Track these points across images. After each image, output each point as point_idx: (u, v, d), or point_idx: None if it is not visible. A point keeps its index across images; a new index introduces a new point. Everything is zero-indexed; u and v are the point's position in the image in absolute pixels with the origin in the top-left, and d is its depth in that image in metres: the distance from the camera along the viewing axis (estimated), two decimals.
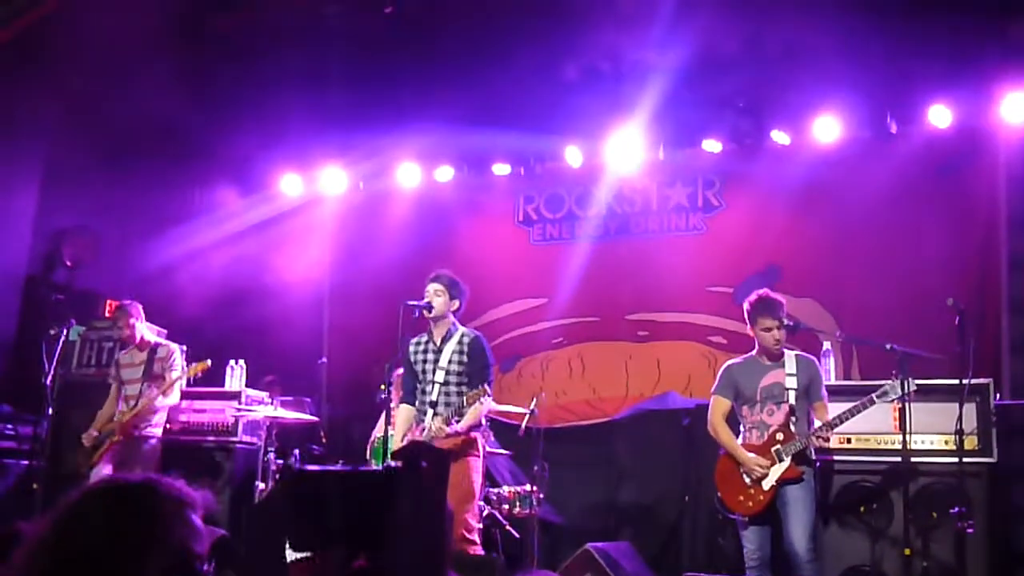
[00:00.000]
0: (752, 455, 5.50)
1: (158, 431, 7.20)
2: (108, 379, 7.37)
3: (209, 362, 7.28)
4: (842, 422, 5.39)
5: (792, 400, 5.52)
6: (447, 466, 1.44)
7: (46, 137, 8.22)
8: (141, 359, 7.24)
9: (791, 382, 5.56)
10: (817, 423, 5.50)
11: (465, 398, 5.65)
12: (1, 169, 7.93)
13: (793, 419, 5.48)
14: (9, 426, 7.67)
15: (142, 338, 7.34)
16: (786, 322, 5.53)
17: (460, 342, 5.97)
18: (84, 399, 7.63)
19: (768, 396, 5.59)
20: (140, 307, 7.40)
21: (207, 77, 8.57)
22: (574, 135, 8.61)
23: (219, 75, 8.57)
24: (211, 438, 7.75)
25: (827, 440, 5.47)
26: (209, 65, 8.55)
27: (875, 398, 5.31)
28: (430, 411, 5.87)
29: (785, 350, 5.68)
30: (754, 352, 5.77)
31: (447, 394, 5.86)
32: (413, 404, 6.05)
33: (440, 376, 5.91)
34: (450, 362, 5.92)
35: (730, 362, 5.89)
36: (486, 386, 5.65)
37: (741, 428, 5.71)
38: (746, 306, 5.75)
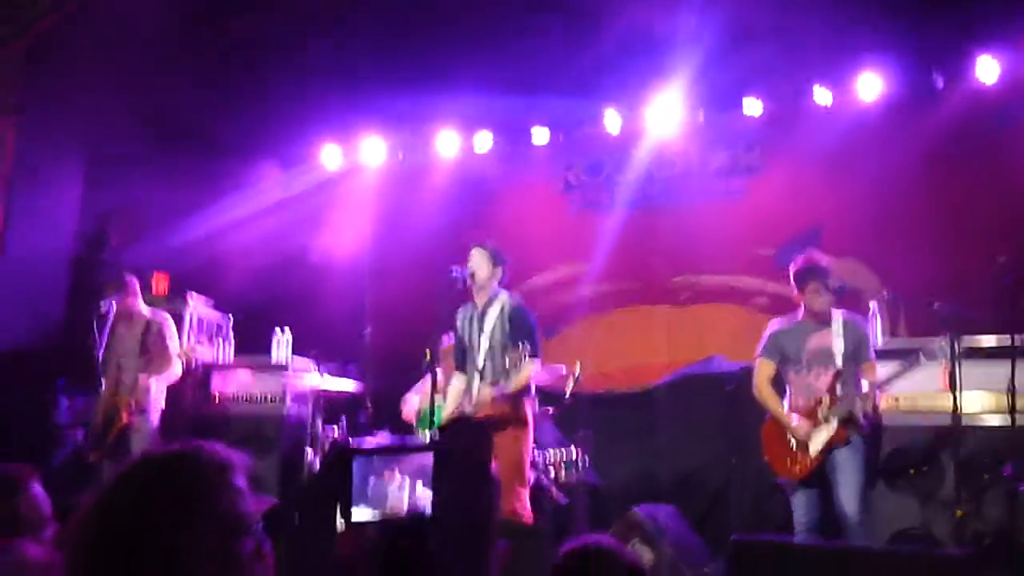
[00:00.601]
0: (798, 419, 5.48)
1: (161, 401, 7.10)
2: (100, 356, 7.12)
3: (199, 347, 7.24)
4: (890, 383, 5.35)
5: (839, 363, 5.47)
6: (491, 440, 1.45)
7: (90, 119, 8.29)
8: (137, 333, 7.13)
9: (838, 344, 5.51)
10: (865, 385, 5.46)
11: (508, 359, 5.66)
12: (47, 152, 8.02)
13: (840, 382, 5.44)
14: (65, 399, 7.82)
15: (137, 312, 7.20)
16: (832, 285, 5.48)
17: (502, 310, 5.99)
18: None
19: (814, 359, 5.54)
20: (137, 281, 7.29)
21: (246, 52, 8.60)
22: (613, 100, 8.56)
23: (257, 49, 8.59)
24: (259, 408, 7.84)
25: (875, 403, 5.42)
26: (247, 39, 8.57)
27: (923, 357, 5.25)
28: (477, 378, 5.90)
29: (833, 311, 5.62)
30: (800, 314, 5.71)
31: (493, 361, 5.89)
32: (465, 372, 6.09)
33: (485, 343, 5.93)
34: (494, 329, 5.94)
35: (775, 324, 5.84)
36: (526, 343, 5.64)
37: (787, 391, 5.68)
38: (792, 269, 5.70)
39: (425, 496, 1.45)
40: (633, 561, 2.22)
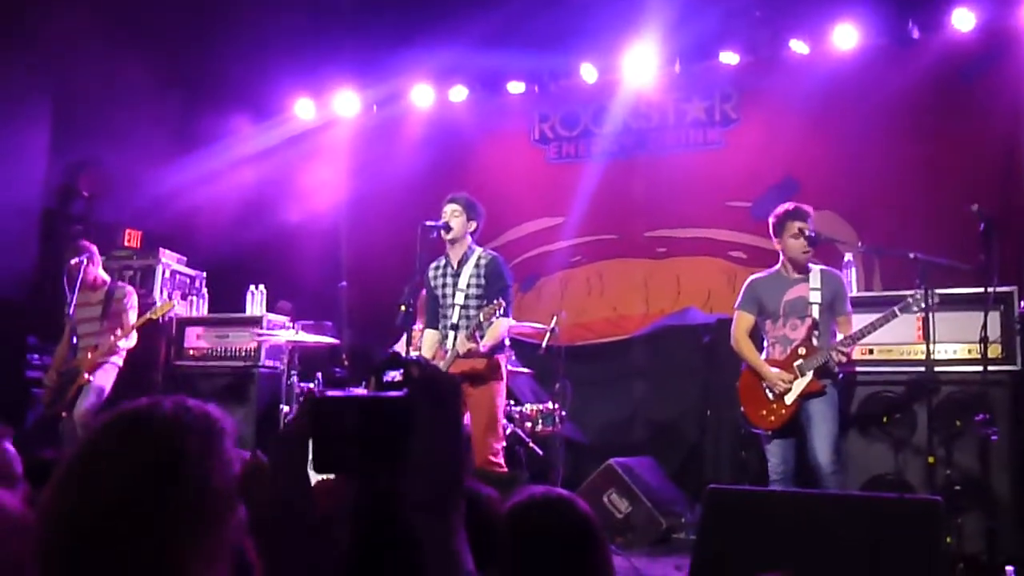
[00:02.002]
0: (775, 370, 5.50)
1: (118, 359, 7.03)
2: (63, 320, 7.07)
3: (174, 303, 7.20)
4: (864, 335, 5.38)
5: (815, 314, 5.49)
6: (459, 389, 1.44)
7: (56, 69, 8.14)
8: (97, 299, 7.04)
9: (815, 296, 5.53)
10: (839, 336, 5.49)
11: (481, 313, 5.66)
12: (12, 104, 7.87)
13: (816, 333, 5.46)
14: (36, 356, 7.75)
15: (97, 278, 7.11)
16: (808, 232, 5.48)
17: (477, 264, 5.96)
18: None
19: (791, 311, 5.56)
20: (95, 248, 7.17)
21: (217, 3, 8.45)
22: (589, 51, 8.49)
23: (231, 1, 8.44)
24: (234, 363, 7.81)
25: (848, 356, 5.44)
26: None
27: (898, 311, 5.28)
28: (451, 333, 5.88)
29: (811, 264, 5.63)
30: (778, 266, 5.72)
31: (467, 316, 5.87)
32: (436, 328, 6.07)
33: (460, 298, 5.91)
34: (468, 285, 5.91)
35: (754, 276, 5.85)
36: (501, 299, 5.65)
37: (764, 343, 5.70)
38: (771, 219, 5.68)
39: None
40: (585, 511, 2.13)
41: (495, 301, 5.65)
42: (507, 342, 6.08)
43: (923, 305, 5.18)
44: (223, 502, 1.41)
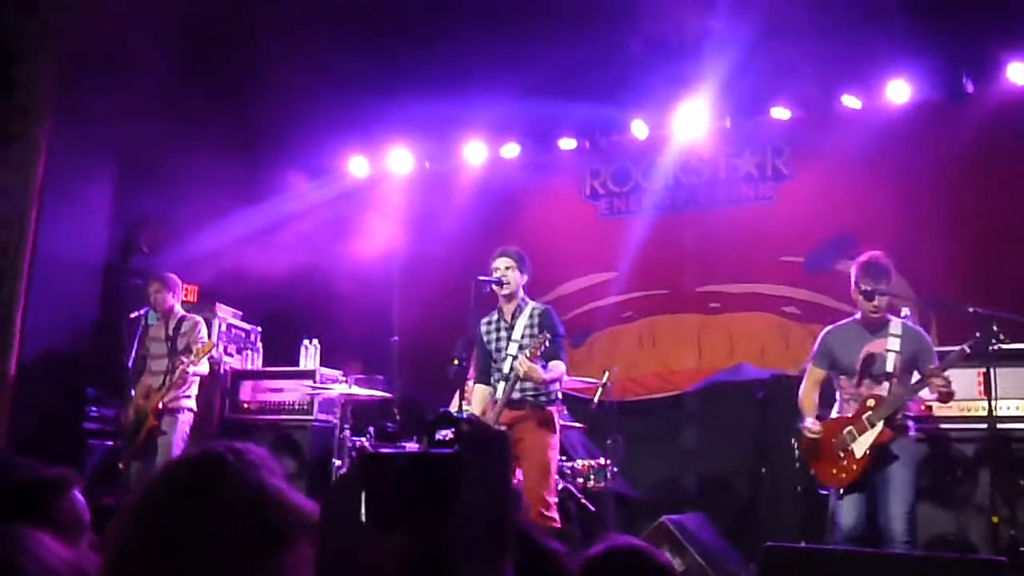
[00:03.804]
0: (808, 420, 5.38)
1: (191, 403, 7.16)
2: (137, 356, 7.23)
3: (213, 342, 7.29)
4: (944, 370, 5.13)
5: (890, 367, 5.25)
6: (508, 445, 1.44)
7: (118, 126, 8.36)
8: (166, 332, 7.24)
9: (893, 345, 5.29)
10: (926, 392, 5.26)
11: (529, 348, 5.64)
12: (78, 160, 8.09)
13: (887, 385, 5.24)
14: (94, 408, 7.88)
15: (171, 308, 7.33)
16: (863, 287, 5.34)
17: (531, 315, 5.99)
18: None
19: (869, 367, 5.32)
20: (178, 281, 7.44)
21: (271, 62, 8.64)
22: (640, 107, 8.53)
23: (283, 59, 8.63)
24: (287, 417, 7.87)
25: (946, 387, 5.07)
26: (273, 49, 8.62)
27: (967, 348, 5.09)
28: (502, 384, 5.87)
29: (892, 318, 5.44)
30: (857, 316, 5.53)
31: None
32: (488, 383, 6.07)
33: (513, 349, 5.91)
34: (523, 336, 5.92)
35: (828, 328, 5.64)
36: (549, 337, 5.64)
37: (837, 398, 5.51)
38: (853, 268, 5.52)
39: None
40: (664, 562, 2.14)
41: (542, 334, 5.66)
42: (560, 395, 6.07)
43: (992, 343, 5.00)
44: (281, 539, 1.42)
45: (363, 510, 1.54)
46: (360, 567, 1.53)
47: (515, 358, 5.81)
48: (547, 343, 5.63)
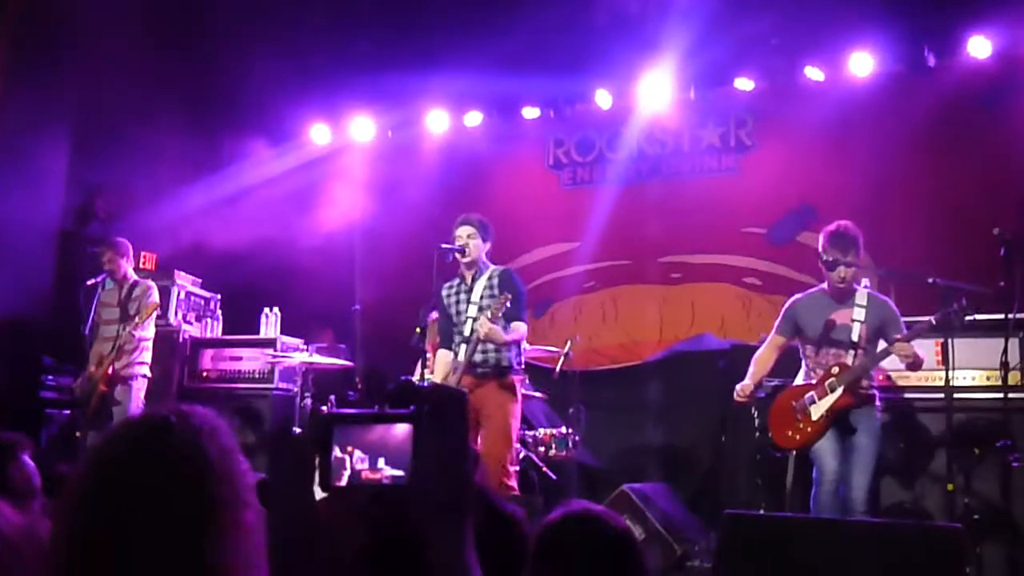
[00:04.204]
0: (746, 381, 5.46)
1: (144, 370, 7.08)
2: (93, 324, 7.16)
3: (156, 305, 7.14)
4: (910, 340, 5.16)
5: (855, 336, 5.27)
6: (466, 405, 1.44)
7: (74, 92, 8.21)
8: (118, 298, 7.15)
9: (858, 315, 5.31)
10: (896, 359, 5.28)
11: (491, 308, 5.62)
12: (32, 125, 7.94)
13: (853, 354, 5.27)
14: (51, 377, 7.77)
15: (125, 275, 7.23)
16: (825, 258, 5.34)
17: (491, 277, 5.99)
18: None
19: (835, 336, 5.34)
20: (129, 246, 7.33)
21: (234, 28, 8.51)
22: (604, 77, 8.50)
23: (246, 26, 8.51)
24: (247, 385, 7.81)
25: (912, 357, 5.16)
26: (237, 17, 8.49)
27: (934, 320, 5.11)
28: (464, 347, 5.85)
29: (857, 288, 5.46)
30: (824, 286, 5.53)
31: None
32: (450, 348, 6.05)
33: (473, 311, 5.89)
34: (482, 296, 5.91)
35: (795, 297, 5.67)
36: (510, 298, 5.63)
37: (803, 367, 5.53)
38: (820, 237, 5.50)
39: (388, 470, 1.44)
40: (620, 526, 2.14)
41: (503, 294, 5.66)
42: (522, 363, 6.04)
43: (964, 319, 5.02)
44: (239, 499, 1.40)
45: (317, 476, 1.52)
46: (315, 528, 1.52)
47: (475, 320, 5.79)
48: (508, 303, 5.62)
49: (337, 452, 1.54)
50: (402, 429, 1.52)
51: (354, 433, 1.54)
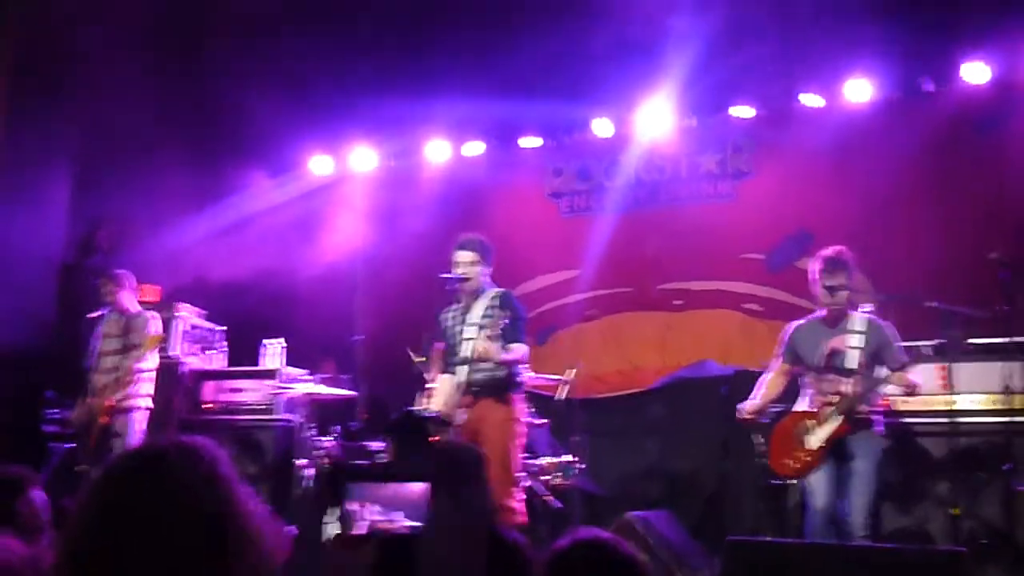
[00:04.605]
0: (748, 402, 5.45)
1: (145, 402, 7.06)
2: (90, 355, 7.14)
3: (162, 335, 7.15)
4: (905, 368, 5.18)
5: (853, 364, 5.25)
6: (482, 460, 1.45)
7: (76, 124, 8.26)
8: (119, 329, 7.12)
9: (855, 341, 5.29)
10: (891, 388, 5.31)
11: (487, 331, 5.59)
12: (33, 158, 7.98)
13: (851, 382, 5.24)
14: (54, 411, 7.76)
15: (125, 307, 7.19)
16: (827, 283, 5.35)
17: (490, 298, 5.92)
18: None
19: (831, 363, 5.33)
20: (129, 278, 7.31)
21: (233, 60, 8.58)
22: (603, 105, 8.56)
23: (245, 57, 8.58)
24: (249, 417, 7.81)
25: (910, 385, 5.17)
26: (234, 47, 8.55)
27: (932, 351, 5.13)
28: (463, 367, 5.79)
29: (852, 312, 5.45)
30: (822, 313, 5.52)
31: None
32: (452, 372, 6.02)
33: (471, 332, 5.81)
34: (481, 317, 5.83)
35: (794, 323, 5.68)
36: (509, 320, 5.61)
37: (803, 393, 5.52)
38: (812, 262, 5.53)
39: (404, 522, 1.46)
40: (628, 553, 2.16)
41: (502, 312, 5.64)
42: (522, 380, 5.98)
43: (956, 351, 5.06)
44: (240, 528, 1.41)
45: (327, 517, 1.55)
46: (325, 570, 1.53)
47: (474, 340, 5.74)
48: (506, 321, 5.59)
49: (354, 505, 1.57)
50: (417, 485, 1.54)
51: (370, 488, 1.57)
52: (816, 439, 5.26)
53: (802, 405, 5.51)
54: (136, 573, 1.33)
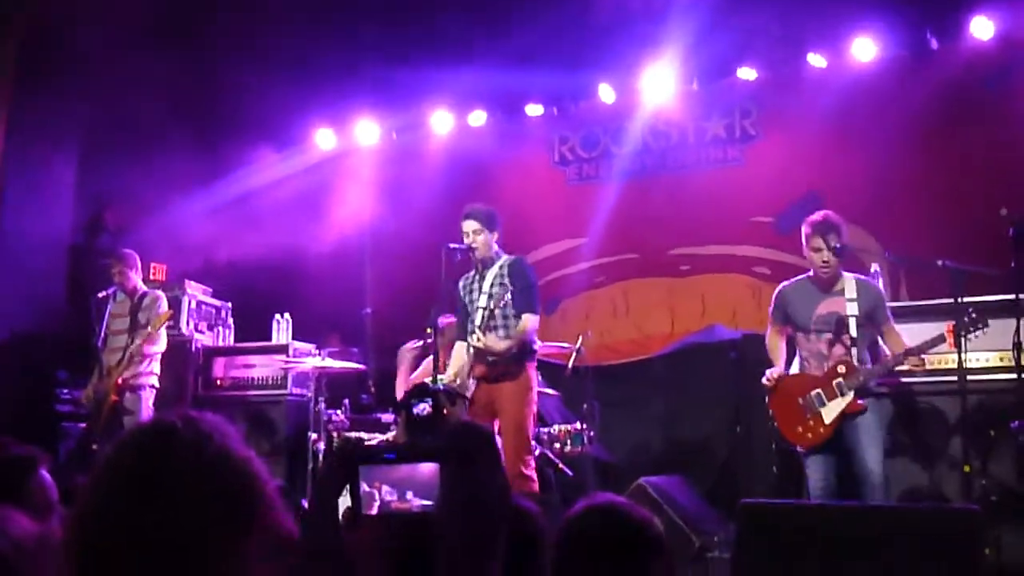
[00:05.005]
0: (777, 370, 5.43)
1: (153, 380, 7.10)
2: (104, 336, 7.17)
3: (169, 315, 7.17)
4: (923, 352, 5.19)
5: (853, 330, 5.30)
6: (494, 444, 1.45)
7: (81, 105, 8.24)
8: (127, 309, 7.17)
9: (852, 308, 5.33)
10: (889, 355, 5.33)
11: (504, 310, 5.69)
12: (40, 140, 7.99)
13: (855, 350, 5.30)
14: (65, 391, 7.80)
15: (134, 286, 7.25)
16: (833, 245, 5.35)
17: (502, 266, 5.98)
18: None
19: (826, 325, 5.37)
20: (137, 257, 7.36)
21: (237, 36, 8.54)
22: (607, 72, 8.50)
23: (247, 32, 8.53)
24: (260, 392, 7.84)
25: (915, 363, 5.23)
26: (237, 22, 8.51)
27: (947, 334, 5.15)
28: (476, 334, 5.84)
29: (844, 274, 5.47)
30: (810, 274, 5.56)
31: (492, 317, 5.84)
32: (465, 339, 6.04)
33: (483, 300, 5.90)
34: (492, 285, 5.91)
35: (783, 285, 5.71)
36: (522, 293, 5.68)
37: (797, 356, 5.56)
38: (803, 227, 5.56)
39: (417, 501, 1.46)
40: (642, 516, 2.16)
41: (512, 282, 5.76)
42: (536, 348, 6.02)
43: (979, 325, 5.06)
44: (253, 502, 1.41)
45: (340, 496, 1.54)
46: (340, 552, 1.53)
47: (487, 309, 5.82)
48: (513, 293, 5.68)
49: (365, 487, 1.57)
50: (429, 466, 1.54)
51: (381, 469, 1.57)
52: (830, 412, 5.29)
53: (796, 366, 5.54)
54: (146, 548, 1.32)
